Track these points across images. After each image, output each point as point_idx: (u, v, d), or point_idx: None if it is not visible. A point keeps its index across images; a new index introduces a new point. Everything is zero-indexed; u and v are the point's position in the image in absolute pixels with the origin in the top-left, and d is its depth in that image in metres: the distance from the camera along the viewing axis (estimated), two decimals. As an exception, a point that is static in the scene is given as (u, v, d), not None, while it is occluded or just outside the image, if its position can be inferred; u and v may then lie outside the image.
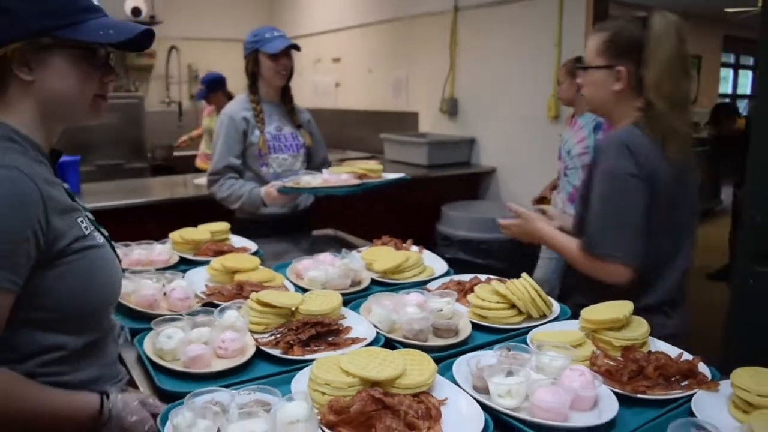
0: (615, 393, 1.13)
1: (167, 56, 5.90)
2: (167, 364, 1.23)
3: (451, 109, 4.51)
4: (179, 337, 1.26)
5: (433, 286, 1.72)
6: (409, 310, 1.42)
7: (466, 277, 1.77)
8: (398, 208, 3.65)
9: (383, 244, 2.04)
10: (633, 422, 1.08)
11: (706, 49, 8.99)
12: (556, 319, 1.50)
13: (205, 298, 1.59)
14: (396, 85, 5.11)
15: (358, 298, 1.61)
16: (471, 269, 1.86)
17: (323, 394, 1.07)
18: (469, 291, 1.61)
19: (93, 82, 1.07)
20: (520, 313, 1.49)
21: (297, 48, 2.54)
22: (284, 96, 2.65)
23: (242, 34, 2.61)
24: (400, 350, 1.24)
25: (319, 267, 1.75)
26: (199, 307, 1.51)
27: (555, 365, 1.16)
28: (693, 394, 1.13)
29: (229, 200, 2.48)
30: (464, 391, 1.14)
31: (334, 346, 1.34)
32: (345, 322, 1.44)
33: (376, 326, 1.42)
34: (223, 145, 2.50)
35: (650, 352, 1.25)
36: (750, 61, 10.44)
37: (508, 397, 1.08)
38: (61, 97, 1.05)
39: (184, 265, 1.89)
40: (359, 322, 1.45)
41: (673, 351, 1.29)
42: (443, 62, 4.52)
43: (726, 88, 10.40)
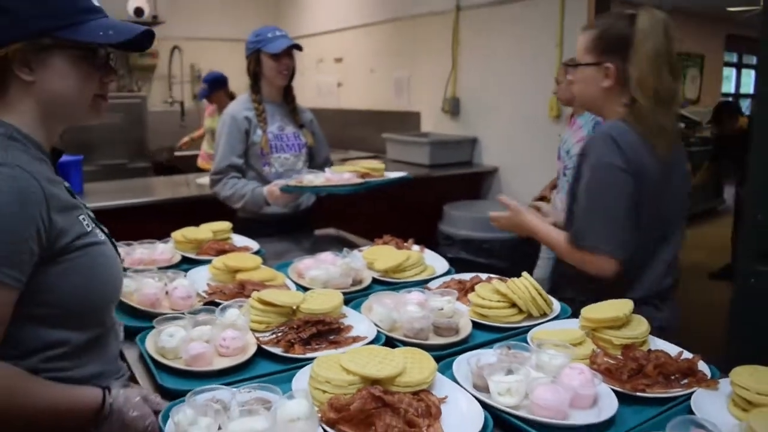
0: (615, 391, 1.13)
1: (170, 56, 5.92)
2: (169, 363, 1.24)
3: (453, 108, 4.51)
4: (181, 336, 1.27)
5: (434, 285, 1.72)
6: (409, 309, 1.42)
7: (467, 276, 1.77)
8: (400, 207, 3.65)
9: (384, 244, 2.05)
10: (632, 420, 1.08)
11: (708, 48, 8.97)
12: (556, 318, 1.50)
13: (207, 297, 1.60)
14: (398, 85, 5.11)
15: (359, 297, 1.62)
16: (473, 269, 1.86)
17: (324, 392, 1.07)
18: (470, 290, 1.61)
19: (93, 83, 1.08)
20: (520, 311, 1.49)
21: (299, 48, 2.54)
22: (286, 96, 2.65)
23: (245, 34, 2.61)
24: (400, 348, 1.24)
25: (320, 266, 1.76)
26: (201, 305, 1.52)
27: (555, 363, 1.17)
28: (692, 393, 1.13)
29: (232, 199, 2.49)
30: (464, 389, 1.14)
31: (335, 344, 1.34)
32: (346, 321, 1.45)
33: (377, 325, 1.42)
34: (225, 144, 2.50)
35: (650, 351, 1.25)
36: (753, 60, 10.39)
37: (508, 395, 1.09)
38: (62, 98, 1.06)
39: (186, 264, 1.90)
40: (360, 321, 1.46)
41: (673, 349, 1.29)
42: (445, 62, 4.52)
43: (729, 87, 10.37)
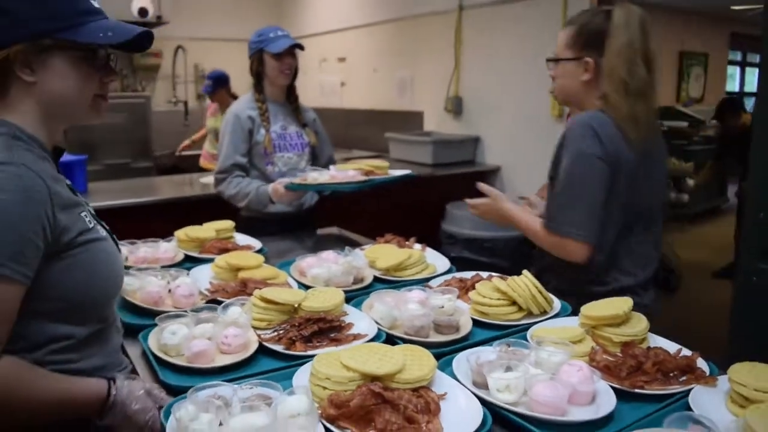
0: (613, 388, 1.14)
1: (174, 56, 5.93)
2: (171, 360, 1.24)
3: (455, 108, 4.51)
4: (183, 333, 1.28)
5: (435, 284, 1.72)
6: (410, 307, 1.43)
7: (467, 275, 1.77)
8: (403, 206, 3.66)
9: (386, 242, 2.06)
10: (630, 417, 1.08)
11: (712, 47, 8.94)
12: (556, 316, 1.51)
13: (210, 295, 1.60)
14: (401, 85, 5.12)
15: (361, 296, 1.63)
16: (475, 267, 1.86)
17: (324, 388, 1.08)
18: (471, 288, 1.62)
19: (93, 83, 1.10)
20: (520, 309, 1.49)
21: (301, 47, 2.56)
22: (289, 95, 2.67)
23: (248, 34, 2.62)
24: (400, 346, 1.24)
25: (322, 264, 1.77)
26: (204, 303, 1.53)
27: (554, 360, 1.17)
28: (691, 389, 1.14)
29: (237, 198, 2.50)
30: (464, 386, 1.15)
31: (336, 342, 1.35)
32: (347, 319, 1.46)
33: (378, 323, 1.43)
34: (229, 143, 2.52)
35: (649, 348, 1.26)
36: (757, 58, 10.33)
37: (507, 392, 1.09)
38: (62, 98, 1.07)
39: (189, 263, 1.91)
40: (361, 319, 1.46)
41: (672, 347, 1.30)
42: (448, 61, 4.53)
43: (733, 85, 10.34)
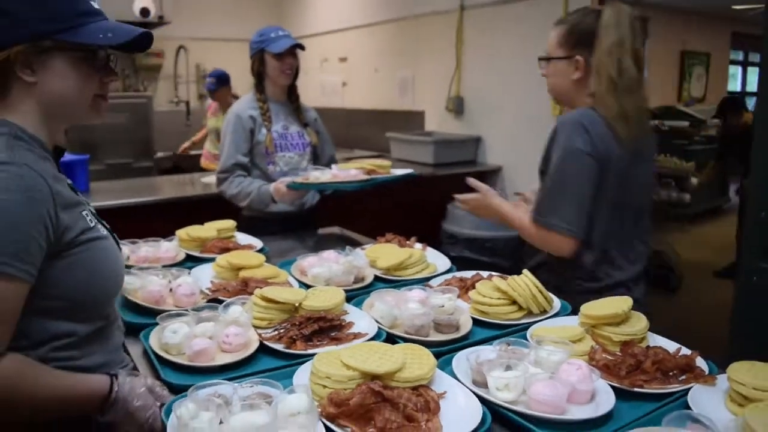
0: (613, 387, 1.14)
1: (175, 56, 5.94)
2: (172, 358, 1.25)
3: (457, 107, 4.51)
4: (184, 332, 1.28)
5: (435, 283, 1.73)
6: (410, 306, 1.43)
7: (468, 274, 1.78)
8: (404, 206, 3.67)
9: (387, 242, 2.06)
10: (629, 415, 1.09)
11: (714, 47, 8.93)
12: (556, 315, 1.51)
13: (211, 294, 1.61)
14: (402, 84, 5.12)
15: (362, 295, 1.63)
16: (476, 267, 1.86)
17: (324, 387, 1.09)
18: (471, 287, 1.62)
19: (93, 83, 1.11)
20: (520, 309, 1.50)
21: (302, 47, 2.56)
22: (290, 95, 2.67)
23: (249, 34, 2.63)
24: (400, 345, 1.25)
25: (323, 264, 1.77)
26: (205, 302, 1.54)
27: (553, 359, 1.17)
28: (690, 388, 1.14)
29: (239, 197, 2.50)
30: (463, 385, 1.15)
31: (337, 341, 1.35)
32: (347, 318, 1.46)
33: (378, 322, 1.43)
34: (231, 143, 2.52)
35: (648, 347, 1.26)
36: (759, 58, 10.36)
37: (506, 391, 1.10)
38: (62, 98, 1.08)
39: (191, 262, 1.91)
40: (361, 318, 1.47)
41: (672, 346, 1.30)
42: (449, 61, 4.53)
43: (735, 85, 10.33)
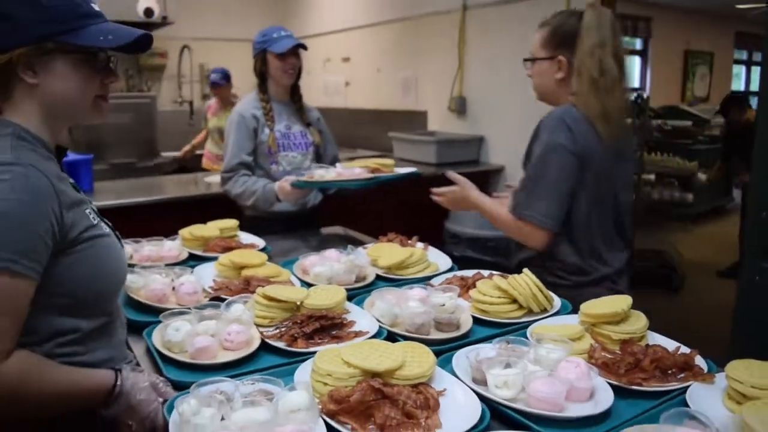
0: (612, 385, 1.15)
1: (179, 56, 5.95)
2: (175, 356, 1.26)
3: (459, 107, 4.52)
4: (186, 330, 1.29)
5: (436, 282, 1.73)
6: (411, 305, 1.44)
7: (469, 273, 1.78)
8: (407, 206, 3.66)
9: (389, 241, 2.07)
10: (628, 413, 1.09)
11: (718, 46, 8.92)
12: (556, 314, 1.51)
13: (213, 292, 1.62)
14: (405, 84, 5.13)
15: (363, 293, 1.64)
16: (479, 267, 1.85)
17: (325, 384, 1.10)
18: (472, 286, 1.63)
19: (94, 84, 1.13)
20: (521, 307, 1.50)
21: (304, 47, 2.57)
22: (293, 95, 2.68)
23: (252, 34, 2.64)
24: (400, 343, 1.26)
25: (324, 263, 1.78)
26: (207, 301, 1.55)
27: (552, 357, 1.18)
28: (688, 386, 1.15)
29: (243, 197, 2.51)
30: (463, 382, 1.16)
31: (338, 339, 1.36)
32: (349, 316, 1.47)
33: (379, 320, 1.44)
34: (235, 142, 2.53)
35: (648, 346, 1.27)
36: (761, 57, 10.33)
37: (505, 388, 1.11)
38: (64, 99, 1.10)
39: (193, 261, 1.93)
40: (362, 316, 1.48)
41: (671, 344, 1.31)
42: (452, 61, 4.53)
43: (739, 84, 10.31)
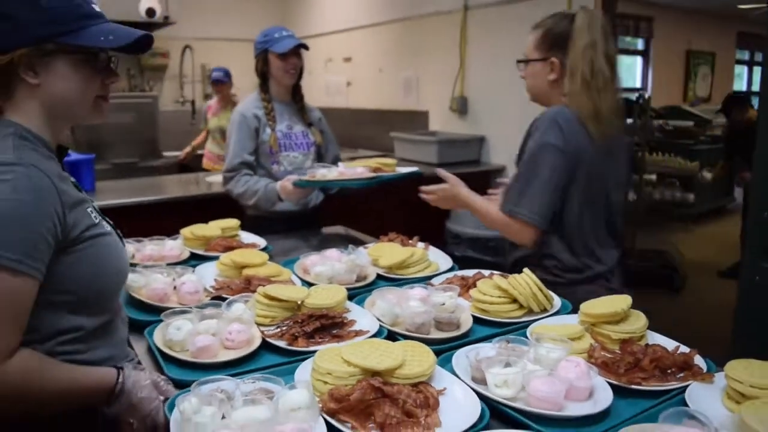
0: (611, 384, 1.15)
1: (181, 56, 5.96)
2: (176, 355, 1.27)
3: (461, 107, 4.52)
4: (188, 329, 1.30)
5: (437, 282, 1.74)
6: (411, 304, 1.44)
7: (469, 273, 1.78)
8: (408, 205, 3.65)
9: (390, 241, 2.07)
10: (627, 412, 1.10)
11: (720, 46, 8.91)
12: (556, 314, 1.52)
13: (214, 292, 1.63)
14: (406, 84, 5.13)
15: (364, 293, 1.64)
16: (480, 267, 1.85)
17: (325, 383, 1.10)
18: (473, 286, 1.63)
19: (95, 85, 1.13)
20: (521, 307, 1.51)
21: (306, 47, 2.58)
22: (295, 95, 2.69)
23: (254, 34, 2.64)
24: (400, 342, 1.26)
25: (325, 262, 1.79)
26: (208, 300, 1.56)
27: (552, 357, 1.18)
28: (687, 386, 1.15)
29: (245, 196, 2.51)
30: (462, 381, 1.17)
31: (338, 338, 1.37)
32: (349, 316, 1.47)
33: (380, 319, 1.45)
34: (237, 142, 2.54)
35: (647, 345, 1.27)
36: (761, 57, 10.32)
37: (505, 387, 1.11)
38: (65, 99, 1.11)
39: (195, 261, 1.93)
40: (363, 316, 1.48)
41: (671, 344, 1.31)
42: (453, 61, 4.54)
43: (741, 85, 10.29)
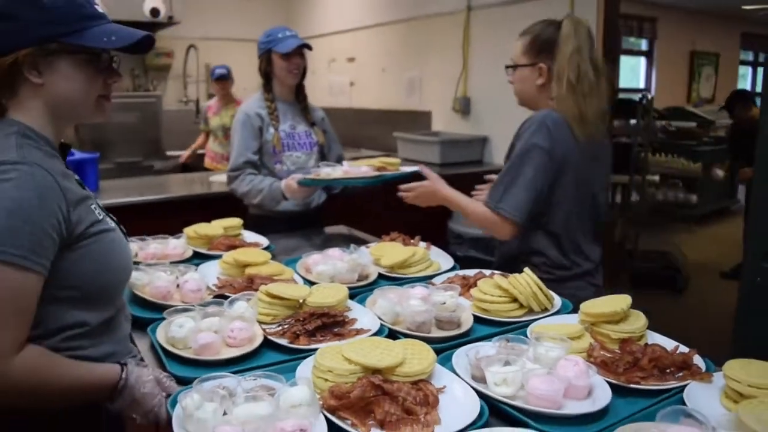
0: (610, 383, 1.16)
1: (185, 56, 5.98)
2: (179, 352, 1.28)
3: (463, 107, 4.53)
4: (190, 326, 1.31)
5: (438, 281, 1.75)
6: (412, 303, 1.45)
7: (471, 272, 1.79)
8: (410, 205, 3.67)
9: (392, 240, 2.08)
10: (626, 411, 1.11)
11: (724, 47, 8.89)
12: (557, 313, 1.52)
13: (217, 290, 1.64)
14: (409, 85, 5.14)
15: (365, 292, 1.65)
16: (482, 267, 1.86)
17: (326, 380, 1.11)
18: (473, 285, 1.64)
19: (97, 84, 1.15)
20: (521, 306, 1.52)
21: (309, 47, 2.59)
22: (298, 94, 2.70)
23: (258, 34, 2.65)
24: (401, 340, 1.27)
25: (327, 261, 1.80)
26: (211, 298, 1.57)
27: (551, 355, 1.19)
28: (686, 385, 1.16)
29: (250, 195, 2.52)
30: (462, 379, 1.18)
31: (339, 336, 1.37)
32: (350, 314, 1.48)
33: (381, 318, 1.46)
34: (241, 141, 2.55)
35: (647, 345, 1.28)
36: (763, 58, 10.31)
37: (504, 386, 1.12)
38: (68, 99, 1.12)
39: (198, 259, 1.94)
40: (364, 314, 1.49)
41: (670, 344, 1.32)
42: (456, 61, 4.54)
43: (745, 85, 10.21)
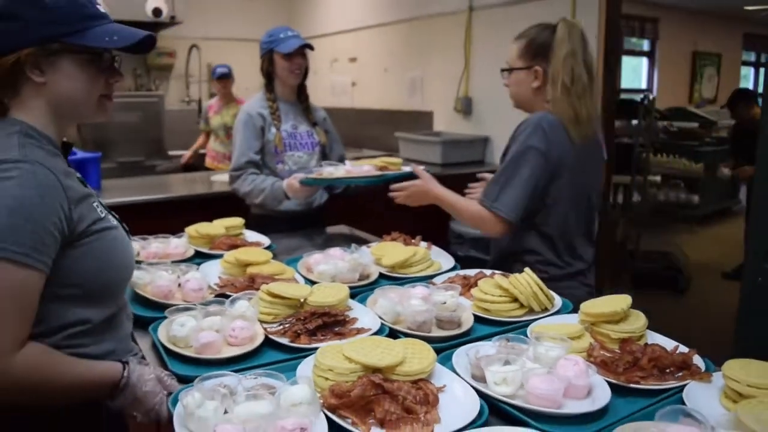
0: (610, 383, 1.16)
1: (187, 55, 5.99)
2: (180, 351, 1.28)
3: (465, 108, 4.53)
4: (191, 325, 1.32)
5: (439, 281, 1.75)
6: (413, 303, 1.46)
7: (471, 272, 1.80)
8: (411, 206, 3.68)
9: (393, 240, 2.09)
10: (625, 410, 1.11)
11: (726, 47, 8.88)
12: (557, 313, 1.53)
13: (218, 289, 1.64)
14: (411, 85, 5.14)
15: (366, 291, 1.66)
16: (483, 267, 1.87)
17: (326, 379, 1.12)
18: (474, 285, 1.64)
19: (99, 84, 1.16)
20: (522, 306, 1.52)
21: (311, 47, 2.59)
22: (300, 94, 2.70)
23: (260, 34, 2.66)
24: (401, 339, 1.28)
25: (328, 261, 1.80)
26: (212, 297, 1.57)
27: (551, 355, 1.20)
28: (685, 385, 1.16)
29: (252, 194, 2.53)
30: (462, 379, 1.18)
31: (340, 335, 1.38)
32: (351, 314, 1.49)
33: (381, 317, 1.46)
34: (243, 141, 2.56)
35: (646, 345, 1.28)
36: (765, 59, 10.30)
37: (504, 385, 1.12)
38: (70, 98, 1.13)
39: (199, 259, 1.95)
40: (365, 314, 1.49)
41: (670, 344, 1.32)
42: (458, 61, 4.55)
43: (747, 86, 10.23)
